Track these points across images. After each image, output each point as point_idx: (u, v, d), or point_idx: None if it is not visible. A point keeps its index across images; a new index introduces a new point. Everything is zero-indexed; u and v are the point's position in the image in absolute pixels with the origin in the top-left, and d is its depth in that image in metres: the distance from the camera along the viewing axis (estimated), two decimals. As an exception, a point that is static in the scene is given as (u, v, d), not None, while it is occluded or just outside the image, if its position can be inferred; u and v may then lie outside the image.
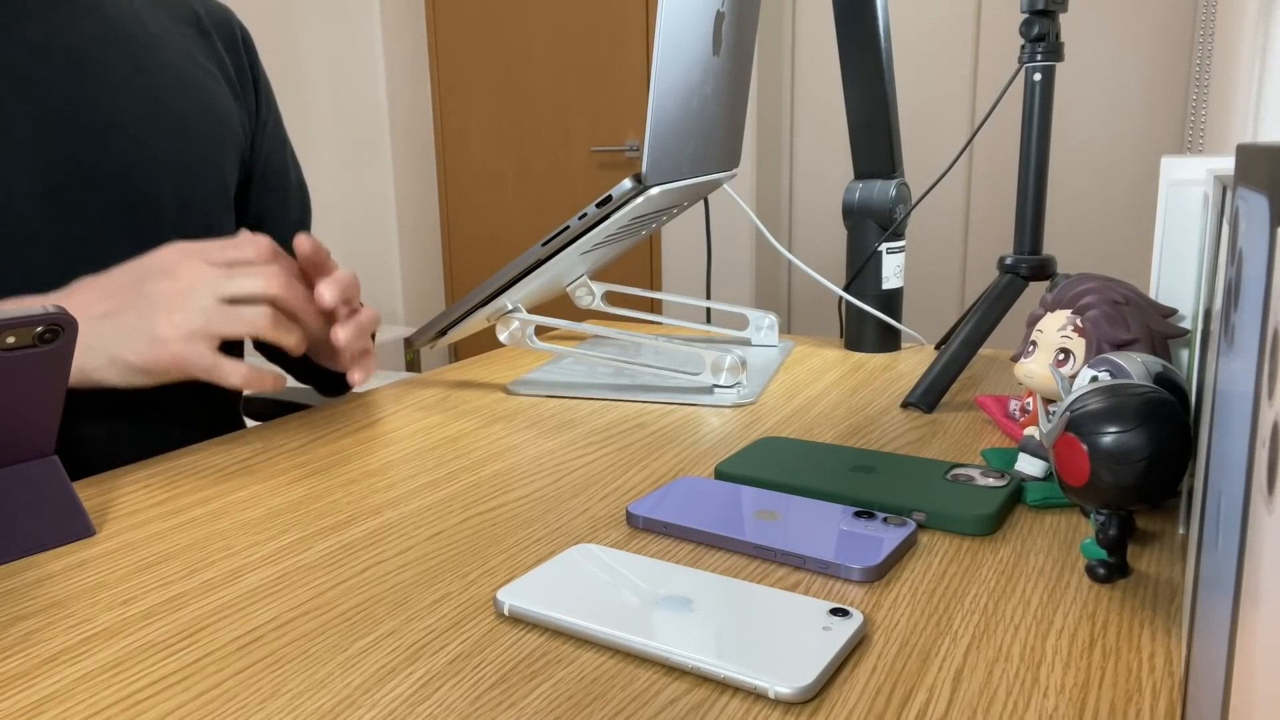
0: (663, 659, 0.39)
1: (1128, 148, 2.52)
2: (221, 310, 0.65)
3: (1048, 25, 0.75)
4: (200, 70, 0.85)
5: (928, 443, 0.68)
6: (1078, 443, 0.44)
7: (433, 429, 0.73)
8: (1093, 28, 2.49)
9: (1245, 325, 0.26)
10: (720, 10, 0.80)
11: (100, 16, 0.78)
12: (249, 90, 0.92)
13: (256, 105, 0.93)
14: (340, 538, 0.53)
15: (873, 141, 0.94)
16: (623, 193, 0.74)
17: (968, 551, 0.50)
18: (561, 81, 3.12)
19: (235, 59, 0.91)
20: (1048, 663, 0.39)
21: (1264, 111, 1.28)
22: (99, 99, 0.76)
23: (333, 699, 0.38)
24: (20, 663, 0.41)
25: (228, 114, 0.87)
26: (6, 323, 0.46)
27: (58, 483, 0.54)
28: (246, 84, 0.92)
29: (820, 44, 2.86)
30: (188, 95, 0.83)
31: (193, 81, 0.84)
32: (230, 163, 0.88)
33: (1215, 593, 0.28)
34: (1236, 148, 0.30)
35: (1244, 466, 0.24)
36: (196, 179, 0.82)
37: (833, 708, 0.36)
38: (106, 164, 0.76)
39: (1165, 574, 0.47)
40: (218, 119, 0.86)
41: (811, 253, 2.98)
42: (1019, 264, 0.79)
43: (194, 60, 0.85)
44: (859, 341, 0.97)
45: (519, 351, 1.02)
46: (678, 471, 0.63)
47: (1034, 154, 0.78)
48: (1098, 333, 0.55)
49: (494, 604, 0.44)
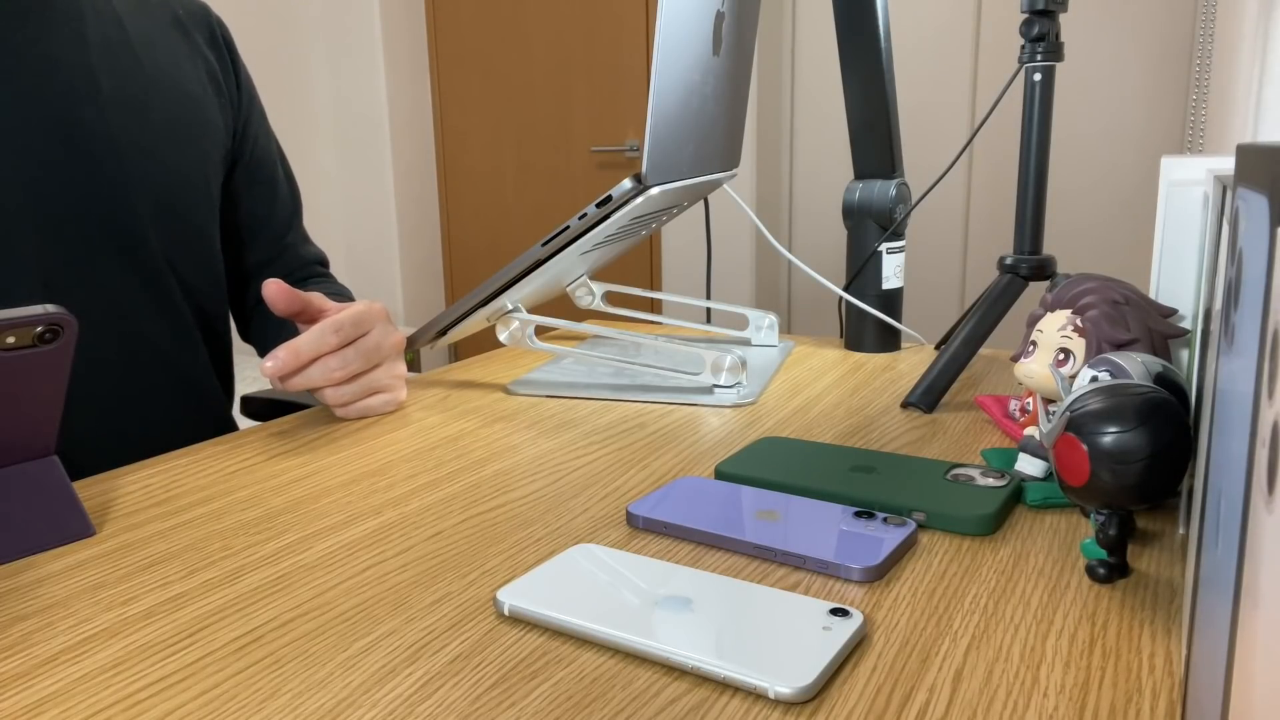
0: (663, 659, 0.39)
1: (1128, 148, 2.52)
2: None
3: (1048, 25, 0.75)
4: (181, 72, 0.85)
5: (928, 443, 0.68)
6: (1078, 443, 0.44)
7: (433, 429, 0.73)
8: (1093, 28, 2.49)
9: (1245, 325, 0.26)
10: (720, 10, 0.80)
11: (80, 21, 0.77)
12: (230, 85, 0.91)
13: (239, 100, 0.92)
14: (340, 538, 0.53)
15: (873, 141, 0.94)
16: (623, 193, 0.74)
17: (968, 551, 0.50)
18: (561, 81, 3.12)
19: (217, 55, 0.90)
20: (1048, 663, 0.39)
21: (1264, 111, 1.28)
22: (78, 104, 0.75)
23: (333, 699, 0.38)
24: (20, 663, 0.41)
25: (210, 114, 0.87)
26: (6, 323, 0.46)
27: (58, 483, 0.54)
28: (229, 79, 0.91)
29: (820, 44, 2.86)
30: (169, 99, 0.82)
31: (174, 85, 0.83)
32: (213, 164, 0.87)
33: (1215, 593, 0.28)
34: (1236, 148, 0.30)
35: (1244, 466, 0.24)
36: (178, 183, 0.82)
37: (833, 708, 0.36)
38: (85, 169, 0.75)
39: (1165, 574, 0.47)
40: (200, 121, 0.85)
41: (811, 253, 2.98)
42: (1019, 264, 0.79)
43: (175, 63, 0.85)
44: (859, 341, 0.96)
45: (519, 351, 1.02)
46: (678, 471, 0.63)
47: (1034, 154, 0.78)
48: (1098, 333, 0.55)
49: (494, 604, 0.44)
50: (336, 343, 0.71)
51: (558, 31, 3.09)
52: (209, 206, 0.87)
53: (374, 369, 0.75)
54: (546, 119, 3.17)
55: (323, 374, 0.70)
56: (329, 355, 0.71)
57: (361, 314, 0.73)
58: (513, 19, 3.15)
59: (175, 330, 0.84)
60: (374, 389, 0.75)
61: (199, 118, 0.85)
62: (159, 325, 0.82)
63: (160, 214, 0.81)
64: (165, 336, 0.83)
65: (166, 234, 0.82)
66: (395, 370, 0.76)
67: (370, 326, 0.73)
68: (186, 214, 0.83)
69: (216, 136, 0.88)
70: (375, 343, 0.74)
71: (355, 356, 0.72)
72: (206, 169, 0.86)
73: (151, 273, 0.81)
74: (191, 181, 0.84)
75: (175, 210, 0.82)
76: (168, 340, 0.83)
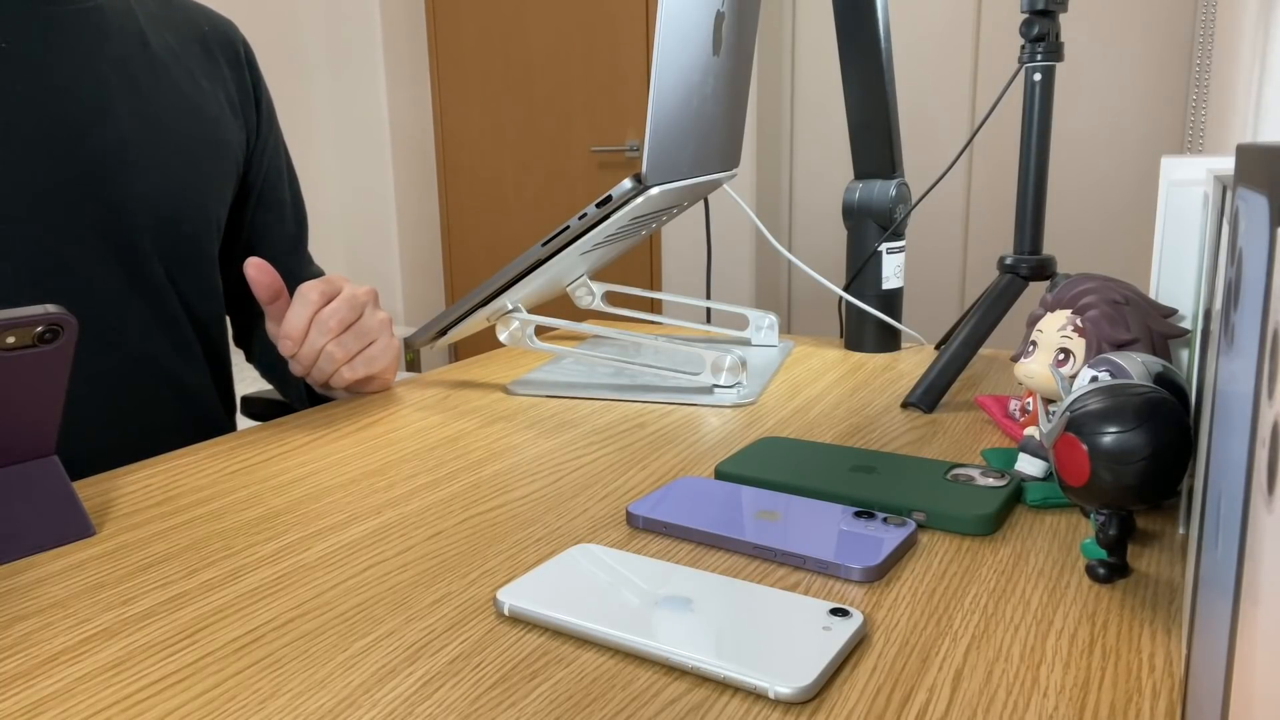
0: (663, 659, 0.39)
1: (1128, 148, 2.52)
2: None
3: (1048, 25, 0.75)
4: (200, 92, 0.85)
5: (928, 443, 0.68)
6: (1078, 443, 0.44)
7: (433, 429, 0.73)
8: (1093, 28, 2.49)
9: (1245, 325, 0.26)
10: (720, 10, 0.80)
11: (103, 37, 0.78)
12: (250, 108, 0.92)
13: (258, 123, 0.93)
14: (340, 538, 0.53)
15: (873, 142, 0.94)
16: (623, 193, 0.74)
17: (968, 551, 0.50)
18: (561, 81, 3.12)
19: (238, 76, 0.91)
20: (1048, 663, 0.39)
21: (1264, 111, 1.28)
22: (91, 119, 0.75)
23: (333, 699, 0.38)
24: (20, 663, 0.41)
25: (225, 134, 0.87)
26: (6, 322, 0.46)
27: (58, 483, 0.54)
28: (248, 101, 0.92)
29: (820, 44, 2.86)
30: (184, 118, 0.83)
31: (191, 103, 0.84)
32: (223, 185, 0.88)
33: (1215, 593, 0.28)
34: (1236, 148, 0.30)
35: (1244, 466, 0.24)
36: (184, 201, 0.83)
37: (833, 708, 0.36)
38: (92, 182, 0.76)
39: (1165, 574, 0.47)
40: (214, 141, 0.86)
41: (811, 253, 2.98)
42: (1019, 264, 0.79)
43: (195, 81, 0.85)
44: (859, 341, 0.96)
45: (519, 351, 1.02)
46: (678, 471, 0.63)
47: (1034, 154, 0.78)
48: (1098, 333, 0.55)
49: (494, 604, 0.44)
50: (318, 300, 0.75)
51: (558, 31, 3.09)
52: (213, 225, 0.87)
53: (360, 319, 0.78)
54: (546, 119, 3.17)
55: (320, 331, 0.75)
56: (319, 313, 0.75)
57: (327, 279, 0.78)
58: (513, 20, 3.15)
59: (175, 344, 0.84)
60: (369, 337, 0.78)
61: (213, 137, 0.86)
62: (159, 338, 0.82)
63: (163, 229, 0.81)
64: (165, 349, 0.83)
65: (168, 249, 0.82)
66: (380, 316, 0.80)
67: (340, 286, 0.78)
68: (190, 231, 0.84)
69: (229, 157, 0.88)
70: (351, 294, 0.77)
71: (341, 306, 0.76)
72: (215, 189, 0.86)
73: (152, 286, 0.81)
74: (198, 200, 0.84)
75: (179, 227, 0.83)
76: (168, 353, 0.83)
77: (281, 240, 0.97)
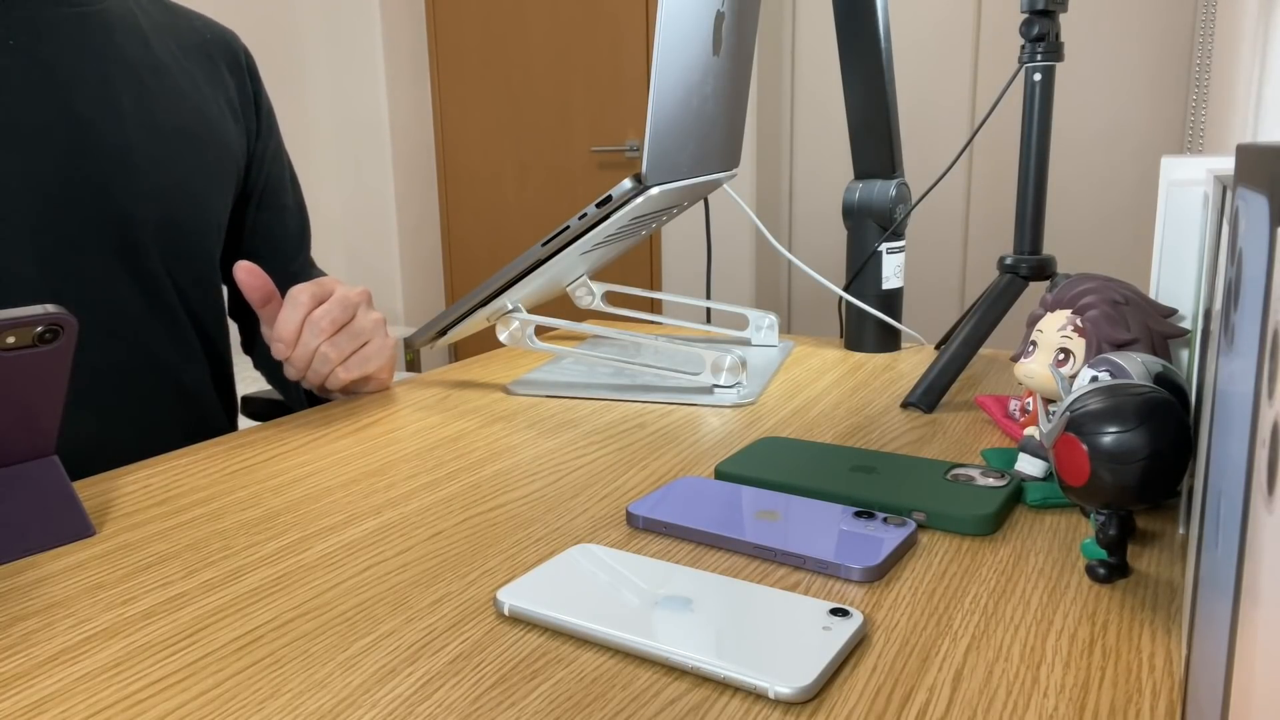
0: (663, 659, 0.39)
1: (1128, 148, 2.52)
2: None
3: (1048, 25, 0.75)
4: (201, 95, 0.86)
5: (928, 443, 0.68)
6: (1078, 443, 0.44)
7: (433, 429, 0.73)
8: (1093, 28, 2.49)
9: (1245, 325, 0.26)
10: (720, 10, 0.80)
11: (108, 39, 0.78)
12: (250, 113, 0.92)
13: (258, 128, 0.93)
14: (340, 538, 0.53)
15: (873, 141, 0.94)
16: (623, 193, 0.74)
17: (968, 551, 0.50)
18: (561, 81, 3.12)
19: (238, 82, 0.91)
20: (1048, 663, 0.39)
21: (1264, 111, 1.28)
22: (96, 117, 0.76)
23: (333, 699, 0.38)
24: (20, 663, 0.41)
25: (226, 138, 0.88)
26: (6, 322, 0.46)
27: (58, 483, 0.54)
28: (248, 106, 0.92)
29: (820, 44, 2.86)
30: (186, 119, 0.83)
31: (193, 106, 0.84)
32: (224, 186, 0.88)
33: (1215, 593, 0.28)
34: (1236, 148, 0.30)
35: (1244, 466, 0.24)
36: (186, 201, 0.83)
37: (833, 708, 0.36)
38: (95, 180, 0.76)
39: (1165, 574, 0.47)
40: (215, 143, 0.86)
41: (811, 253, 2.98)
42: (1019, 264, 0.79)
43: (196, 85, 0.86)
44: (859, 341, 0.96)
45: (519, 351, 1.02)
46: (678, 471, 0.63)
47: (1034, 154, 0.78)
48: (1098, 333, 0.55)
49: (494, 604, 0.44)
50: (309, 302, 0.75)
51: (558, 31, 3.09)
52: (214, 226, 0.87)
53: (353, 320, 0.78)
54: (546, 119, 3.17)
55: (313, 333, 0.75)
56: (311, 314, 0.75)
57: (319, 280, 0.77)
58: (513, 20, 3.15)
59: (175, 342, 0.84)
60: (362, 338, 0.78)
61: (214, 140, 0.86)
62: (160, 336, 0.82)
63: (165, 228, 0.81)
64: (166, 347, 0.83)
65: (169, 248, 0.82)
66: (373, 316, 0.79)
67: (332, 288, 0.77)
68: (191, 231, 0.84)
69: (230, 160, 0.88)
70: (343, 294, 0.77)
71: (333, 307, 0.76)
72: (216, 190, 0.87)
73: (153, 284, 0.81)
74: (199, 200, 0.84)
75: (181, 226, 0.83)
76: (168, 351, 0.83)
77: (284, 245, 0.97)
